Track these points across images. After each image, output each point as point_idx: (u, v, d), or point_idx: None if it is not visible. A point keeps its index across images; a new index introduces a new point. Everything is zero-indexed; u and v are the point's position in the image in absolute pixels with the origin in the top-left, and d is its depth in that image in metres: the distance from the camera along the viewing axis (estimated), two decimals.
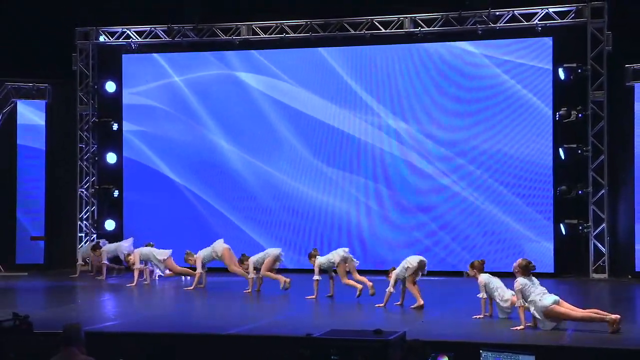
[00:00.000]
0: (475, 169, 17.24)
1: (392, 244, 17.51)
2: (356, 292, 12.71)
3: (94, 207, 19.43)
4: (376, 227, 17.69)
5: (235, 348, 9.06)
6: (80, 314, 11.68)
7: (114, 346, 8.83)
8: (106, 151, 19.27)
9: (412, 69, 17.61)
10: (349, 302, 12.57)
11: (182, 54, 18.86)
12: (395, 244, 17.49)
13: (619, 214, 16.87)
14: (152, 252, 16.06)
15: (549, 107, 16.80)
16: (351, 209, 17.82)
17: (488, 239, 17.13)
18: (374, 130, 17.75)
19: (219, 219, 18.49)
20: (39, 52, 18.72)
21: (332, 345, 7.55)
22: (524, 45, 17.03)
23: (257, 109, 18.36)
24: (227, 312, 12.18)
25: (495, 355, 7.71)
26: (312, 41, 18.11)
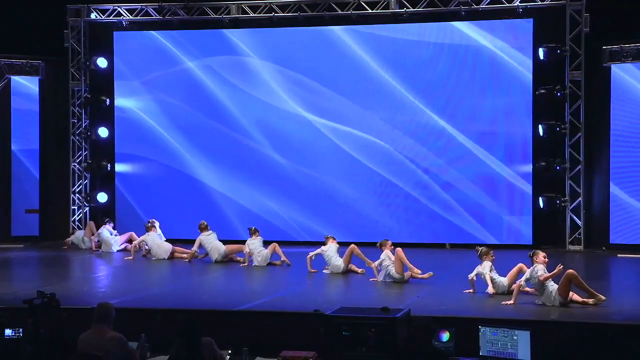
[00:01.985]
0: (457, 145, 17.73)
1: (377, 216, 18.05)
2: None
3: (86, 180, 19.77)
4: (360, 200, 18.21)
5: (247, 323, 9.54)
6: (91, 290, 12.11)
7: (133, 322, 9.20)
8: (98, 126, 19.56)
9: (392, 48, 17.99)
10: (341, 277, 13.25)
11: (170, 32, 19.12)
12: (380, 216, 18.03)
13: (594, 188, 17.52)
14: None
15: (529, 85, 17.32)
16: (329, 184, 18.36)
17: (468, 212, 17.68)
18: (345, 117, 18.23)
19: (209, 191, 18.89)
20: (32, 29, 18.96)
21: (344, 322, 8.09)
22: (506, 26, 17.50)
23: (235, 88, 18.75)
24: (232, 288, 12.63)
25: (493, 331, 8.31)
26: (300, 20, 18.47)
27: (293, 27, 18.53)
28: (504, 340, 8.20)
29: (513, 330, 8.18)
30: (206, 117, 18.90)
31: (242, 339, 8.86)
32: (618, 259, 15.85)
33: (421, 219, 17.98)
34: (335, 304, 9.93)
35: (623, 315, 9.63)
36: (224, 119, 18.81)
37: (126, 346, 7.77)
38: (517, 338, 8.13)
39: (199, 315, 9.38)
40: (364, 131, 18.14)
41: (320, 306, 9.66)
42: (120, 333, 7.74)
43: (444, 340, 8.40)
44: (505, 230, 17.56)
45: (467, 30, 17.64)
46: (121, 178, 19.30)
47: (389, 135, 18.04)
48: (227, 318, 9.60)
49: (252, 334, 9.27)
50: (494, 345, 8.25)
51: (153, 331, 8.98)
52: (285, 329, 9.30)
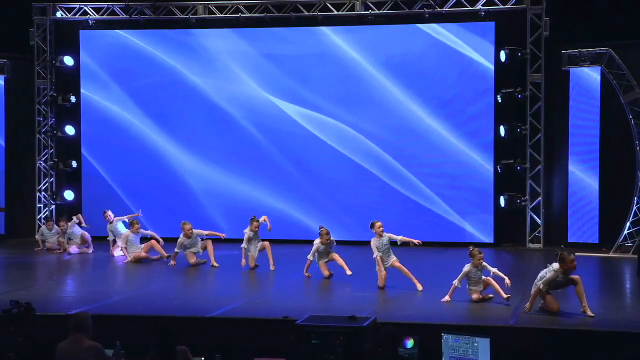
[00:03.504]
0: (418, 146, 18.24)
1: (339, 214, 18.52)
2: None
3: (52, 178, 20.00)
4: (329, 203, 18.67)
5: (219, 330, 9.94)
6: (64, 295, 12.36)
7: (108, 328, 9.51)
8: (64, 124, 19.80)
9: (356, 50, 18.43)
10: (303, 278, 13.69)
11: (136, 31, 19.38)
12: (341, 214, 18.50)
13: (554, 188, 18.16)
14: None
15: (491, 87, 17.87)
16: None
17: (431, 211, 18.21)
18: (306, 116, 18.69)
19: (183, 183, 19.27)
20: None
21: (313, 331, 8.54)
22: (468, 29, 18.00)
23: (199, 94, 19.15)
24: (203, 293, 12.99)
25: (455, 338, 8.79)
26: (267, 21, 18.82)
27: (260, 27, 18.86)
28: (465, 347, 8.66)
29: (474, 337, 8.63)
30: (176, 113, 19.28)
31: (214, 345, 9.25)
32: (575, 258, 16.38)
33: (382, 218, 18.32)
34: (305, 310, 10.38)
35: (577, 320, 10.16)
36: (196, 112, 19.19)
37: (103, 355, 8.12)
38: (478, 345, 8.60)
39: (172, 321, 9.78)
40: (315, 124, 18.67)
41: (290, 312, 10.10)
42: (96, 340, 8.11)
43: (409, 347, 8.84)
44: (466, 228, 18.11)
45: (431, 33, 18.11)
46: (88, 176, 19.53)
47: (344, 132, 18.54)
48: (200, 325, 9.98)
49: (225, 340, 9.67)
50: (455, 352, 8.71)
51: (128, 337, 9.29)
52: (256, 336, 9.71)
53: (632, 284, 13.95)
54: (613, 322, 10.13)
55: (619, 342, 9.34)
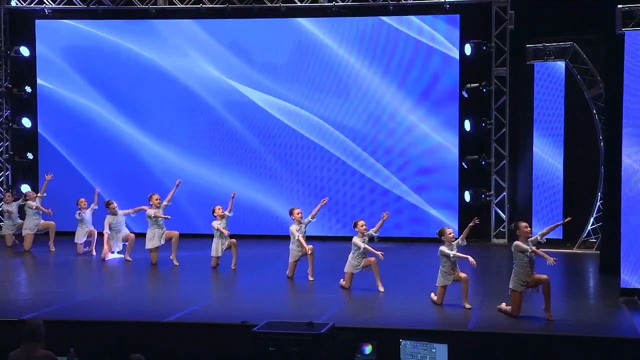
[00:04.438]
0: (383, 139, 18.34)
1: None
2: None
3: (7, 171, 19.85)
4: (284, 200, 18.71)
5: (175, 336, 9.95)
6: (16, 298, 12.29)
7: (62, 334, 9.50)
8: (20, 116, 19.64)
9: (315, 44, 18.51)
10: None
11: (93, 21, 19.25)
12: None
13: (519, 183, 18.33)
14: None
15: (456, 81, 17.99)
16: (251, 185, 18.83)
17: (397, 207, 18.28)
18: (276, 110, 18.72)
19: (137, 175, 19.21)
20: None
21: (270, 339, 8.59)
22: (433, 22, 18.06)
23: (158, 83, 19.10)
24: (161, 295, 12.94)
25: (413, 344, 8.90)
26: (229, 12, 18.77)
27: (221, 19, 18.82)
28: (423, 353, 8.76)
29: (432, 344, 8.75)
30: (138, 100, 19.20)
31: (170, 352, 9.29)
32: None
33: (346, 212, 18.55)
34: (264, 313, 10.46)
35: (537, 324, 10.31)
36: (158, 98, 19.13)
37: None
38: (436, 351, 8.71)
39: (127, 327, 9.79)
40: (284, 117, 18.70)
41: (249, 316, 10.15)
42: (49, 347, 8.09)
43: (367, 353, 8.93)
44: (432, 223, 18.23)
45: (395, 25, 18.18)
46: (45, 168, 19.36)
47: (310, 127, 18.60)
48: (156, 330, 9.99)
49: (182, 347, 9.70)
50: (413, 358, 8.81)
51: (83, 344, 9.30)
52: (214, 342, 9.74)
53: (595, 282, 14.16)
54: (574, 326, 10.29)
55: (579, 347, 9.49)
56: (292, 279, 13.46)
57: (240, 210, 17.66)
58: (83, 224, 16.49)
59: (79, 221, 16.49)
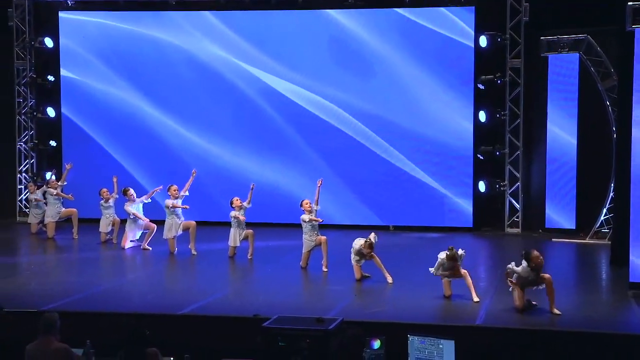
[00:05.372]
0: (399, 129, 18.22)
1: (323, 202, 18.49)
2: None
3: (32, 159, 19.97)
4: (303, 187, 18.60)
5: (189, 328, 9.98)
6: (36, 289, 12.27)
7: (79, 326, 9.56)
8: (45, 106, 19.73)
9: (335, 37, 18.39)
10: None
11: (116, 13, 19.24)
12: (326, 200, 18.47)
13: (532, 173, 18.21)
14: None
15: (471, 72, 17.84)
16: (274, 172, 18.70)
17: (412, 197, 18.25)
18: (297, 97, 18.60)
19: (145, 174, 19.18)
20: None
21: (280, 334, 8.61)
22: (448, 14, 17.92)
23: (183, 73, 19.02)
24: (177, 285, 12.97)
25: (420, 340, 8.88)
26: (248, 4, 18.69)
27: (239, 10, 18.78)
28: (430, 349, 8.74)
29: (439, 340, 8.73)
30: (153, 96, 19.18)
31: (183, 344, 9.31)
32: (552, 243, 16.56)
33: (363, 201, 18.52)
34: (276, 306, 10.48)
35: (544, 320, 10.24)
36: (183, 85, 19.05)
37: (71, 356, 8.18)
38: (443, 347, 8.69)
39: (143, 319, 9.81)
40: (306, 105, 18.61)
41: (262, 309, 10.16)
42: (67, 338, 8.16)
43: (375, 347, 8.93)
44: (446, 213, 18.19)
45: (410, 17, 18.05)
46: (68, 156, 19.42)
47: (331, 115, 18.49)
48: (171, 323, 10.03)
49: (195, 339, 9.73)
50: (421, 353, 8.79)
51: (99, 335, 9.34)
52: (226, 335, 9.76)
53: (605, 274, 14.05)
54: (582, 322, 10.17)
55: (587, 343, 9.40)
56: (306, 270, 13.46)
57: (264, 196, 17.55)
58: (107, 212, 16.56)
59: (103, 210, 16.55)
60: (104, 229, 16.47)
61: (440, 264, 11.40)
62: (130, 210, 15.72)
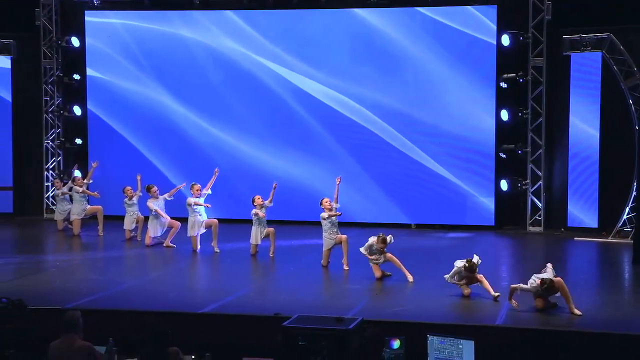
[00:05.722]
0: (421, 128, 18.15)
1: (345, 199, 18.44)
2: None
3: (59, 157, 20.07)
4: (327, 185, 18.53)
5: (210, 327, 9.96)
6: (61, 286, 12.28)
7: (102, 324, 9.58)
8: (71, 104, 19.83)
9: (359, 35, 18.35)
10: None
11: (142, 12, 19.30)
12: (349, 198, 18.45)
13: (554, 172, 18.08)
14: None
15: (493, 71, 17.72)
16: (298, 169, 18.69)
17: (434, 195, 18.18)
18: (320, 95, 18.58)
19: (171, 172, 19.21)
20: (3, 7, 19.05)
21: (300, 333, 8.58)
22: (470, 12, 17.79)
23: (208, 71, 19.07)
24: (199, 284, 13.02)
25: (440, 340, 8.82)
26: (270, 3, 18.69)
27: (263, 10, 18.76)
28: (450, 349, 8.69)
29: (459, 340, 8.66)
30: (179, 94, 19.21)
31: (205, 342, 9.30)
32: (574, 242, 16.42)
33: (386, 199, 18.46)
34: (297, 305, 10.45)
35: (565, 320, 10.12)
36: (209, 83, 19.08)
37: (94, 354, 8.19)
38: (462, 347, 8.63)
39: (165, 318, 9.83)
40: (329, 102, 18.56)
41: (283, 308, 10.13)
42: (90, 336, 8.17)
43: (395, 347, 8.87)
44: (468, 211, 18.08)
45: (433, 15, 17.95)
46: (94, 153, 19.49)
47: (354, 112, 18.43)
48: (193, 321, 10.02)
49: (216, 337, 9.72)
50: (441, 353, 8.74)
51: (121, 333, 9.38)
52: (247, 334, 9.74)
53: (628, 274, 13.90)
54: (603, 322, 10.03)
55: (608, 344, 9.27)
56: (327, 268, 13.42)
57: (288, 194, 17.63)
58: (131, 210, 16.61)
59: (127, 208, 16.60)
60: (128, 227, 16.52)
61: (457, 272, 11.29)
62: (152, 206, 15.73)
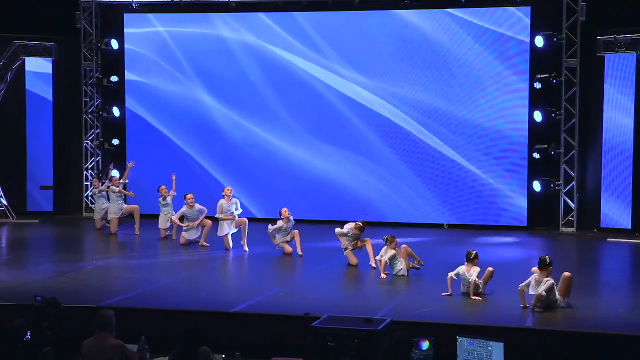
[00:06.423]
0: (455, 128, 17.95)
1: (379, 198, 18.40)
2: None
3: (98, 157, 20.17)
4: (362, 184, 18.51)
5: (240, 326, 9.91)
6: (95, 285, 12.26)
7: (134, 322, 9.55)
8: (110, 105, 19.92)
9: (392, 36, 18.21)
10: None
11: (179, 14, 19.32)
12: (382, 197, 18.38)
13: (588, 173, 17.78)
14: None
15: (527, 72, 17.47)
16: (334, 167, 18.60)
17: (467, 195, 17.98)
18: (356, 94, 18.45)
19: (207, 171, 19.25)
20: (45, 10, 19.23)
21: (329, 333, 8.48)
22: (504, 14, 17.56)
23: (248, 71, 18.99)
24: (230, 283, 12.97)
25: (469, 341, 8.66)
26: (305, 5, 18.62)
27: (298, 11, 18.68)
28: (479, 350, 8.53)
29: (488, 342, 8.50)
30: (219, 94, 19.19)
31: (235, 341, 9.24)
32: (607, 243, 16.14)
33: (418, 199, 18.29)
34: (327, 305, 10.35)
35: (594, 322, 9.92)
36: (247, 82, 19.07)
37: (126, 352, 8.16)
38: (492, 349, 8.47)
39: (197, 317, 9.79)
40: (364, 101, 18.42)
41: (312, 307, 10.03)
42: (122, 333, 8.14)
43: (424, 348, 8.74)
44: (501, 212, 17.84)
45: (467, 17, 17.74)
46: (132, 154, 19.54)
47: (389, 110, 18.28)
48: (223, 320, 9.96)
49: (246, 337, 9.65)
50: (470, 355, 8.59)
51: (154, 331, 9.33)
52: (277, 333, 9.66)
53: None
54: (636, 325, 9.74)
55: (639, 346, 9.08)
56: (357, 268, 13.31)
57: (330, 194, 17.90)
58: (166, 210, 16.61)
59: (162, 207, 16.61)
60: (162, 225, 16.54)
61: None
62: (174, 219, 15.90)
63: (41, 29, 19.58)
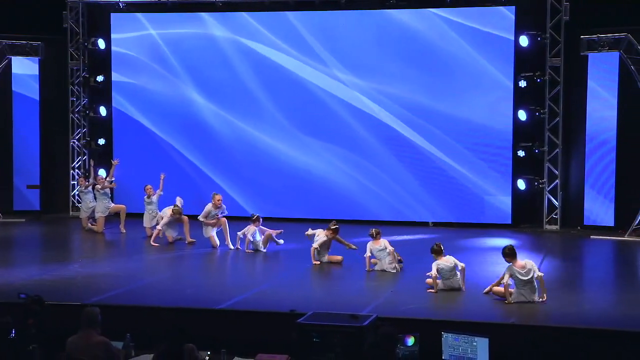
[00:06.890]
0: (440, 127, 17.89)
1: (365, 196, 18.34)
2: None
3: (85, 156, 20.01)
4: (349, 181, 18.44)
5: (226, 323, 9.80)
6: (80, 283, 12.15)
7: (119, 319, 9.44)
8: (97, 105, 19.76)
9: (378, 35, 18.13)
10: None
11: (167, 14, 19.19)
12: (369, 195, 18.32)
13: (571, 171, 17.78)
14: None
15: (510, 71, 17.44)
16: (321, 164, 18.53)
17: (452, 193, 17.94)
18: (343, 92, 18.36)
19: (196, 170, 19.14)
20: (31, 10, 19.06)
21: (314, 330, 8.40)
22: (488, 13, 17.53)
23: (236, 70, 18.86)
24: (216, 280, 12.81)
25: (454, 337, 8.61)
26: (291, 5, 18.54)
27: (283, 11, 18.59)
28: (464, 346, 8.48)
29: (473, 337, 8.46)
30: (207, 93, 19.05)
31: (220, 338, 9.12)
32: (591, 240, 16.13)
33: (403, 197, 18.23)
34: (312, 301, 10.27)
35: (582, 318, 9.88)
36: (215, 100, 18.97)
37: (111, 350, 8.08)
38: (477, 344, 8.41)
39: (181, 314, 9.69)
40: (352, 99, 18.35)
41: (298, 304, 9.95)
42: (108, 331, 8.06)
43: (409, 344, 8.67)
44: (486, 210, 17.81)
45: (451, 17, 17.70)
46: (119, 153, 19.38)
47: (376, 108, 18.21)
48: (209, 318, 9.86)
49: (231, 334, 9.55)
50: (455, 350, 8.54)
51: (139, 328, 9.23)
52: (262, 330, 9.57)
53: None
54: (619, 320, 9.77)
55: (624, 341, 9.00)
56: (342, 265, 13.27)
57: (318, 191, 17.89)
58: (150, 208, 16.50)
59: (147, 206, 16.50)
60: (147, 224, 16.42)
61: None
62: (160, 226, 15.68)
63: (28, 28, 19.40)
